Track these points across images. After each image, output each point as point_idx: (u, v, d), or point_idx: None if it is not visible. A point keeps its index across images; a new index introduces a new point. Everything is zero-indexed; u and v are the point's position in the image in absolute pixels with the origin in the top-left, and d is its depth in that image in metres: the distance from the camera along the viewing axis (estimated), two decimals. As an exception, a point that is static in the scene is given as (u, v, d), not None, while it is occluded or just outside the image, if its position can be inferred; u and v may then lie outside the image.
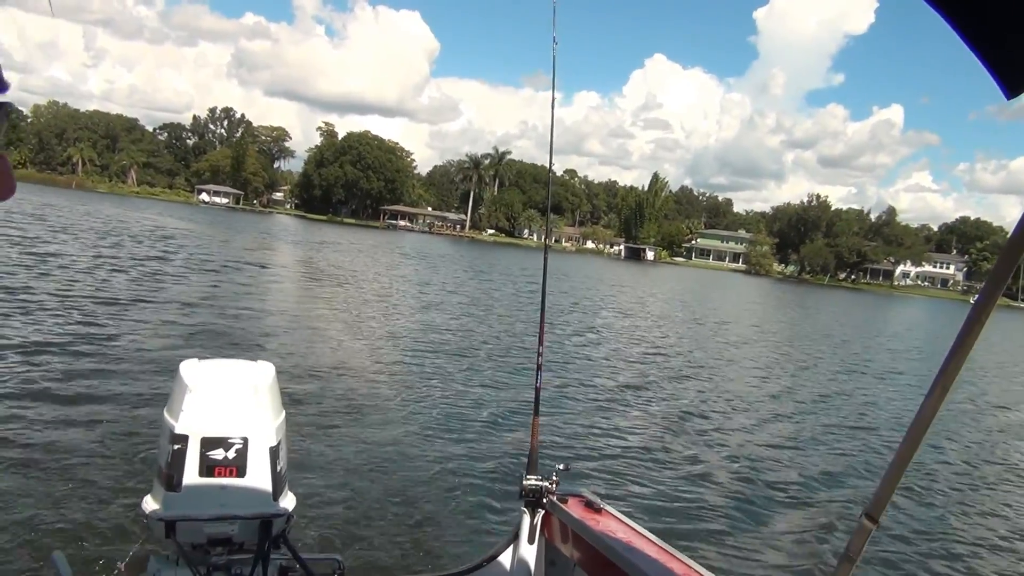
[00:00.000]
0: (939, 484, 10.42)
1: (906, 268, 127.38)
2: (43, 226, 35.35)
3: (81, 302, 15.75)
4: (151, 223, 52.06)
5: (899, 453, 1.86)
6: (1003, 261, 1.69)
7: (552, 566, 3.56)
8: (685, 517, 7.88)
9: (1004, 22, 1.34)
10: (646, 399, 13.79)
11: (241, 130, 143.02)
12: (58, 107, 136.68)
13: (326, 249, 50.26)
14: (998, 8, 1.34)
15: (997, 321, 3.46)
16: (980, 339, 1.67)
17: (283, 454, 3.09)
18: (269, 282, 25.87)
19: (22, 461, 6.75)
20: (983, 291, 1.74)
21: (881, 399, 17.40)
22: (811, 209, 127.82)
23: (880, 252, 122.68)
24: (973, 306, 1.71)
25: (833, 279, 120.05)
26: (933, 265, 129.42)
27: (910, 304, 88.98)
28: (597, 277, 57.71)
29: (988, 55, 1.38)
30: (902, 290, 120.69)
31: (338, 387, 11.35)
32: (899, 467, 1.86)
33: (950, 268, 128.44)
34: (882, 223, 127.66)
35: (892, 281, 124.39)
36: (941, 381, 1.72)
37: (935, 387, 1.74)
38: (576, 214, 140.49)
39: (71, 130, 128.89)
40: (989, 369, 25.41)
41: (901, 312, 68.75)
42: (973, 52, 1.38)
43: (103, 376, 10.09)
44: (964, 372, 1.69)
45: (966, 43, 1.36)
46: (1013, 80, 1.39)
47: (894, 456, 1.87)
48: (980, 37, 1.37)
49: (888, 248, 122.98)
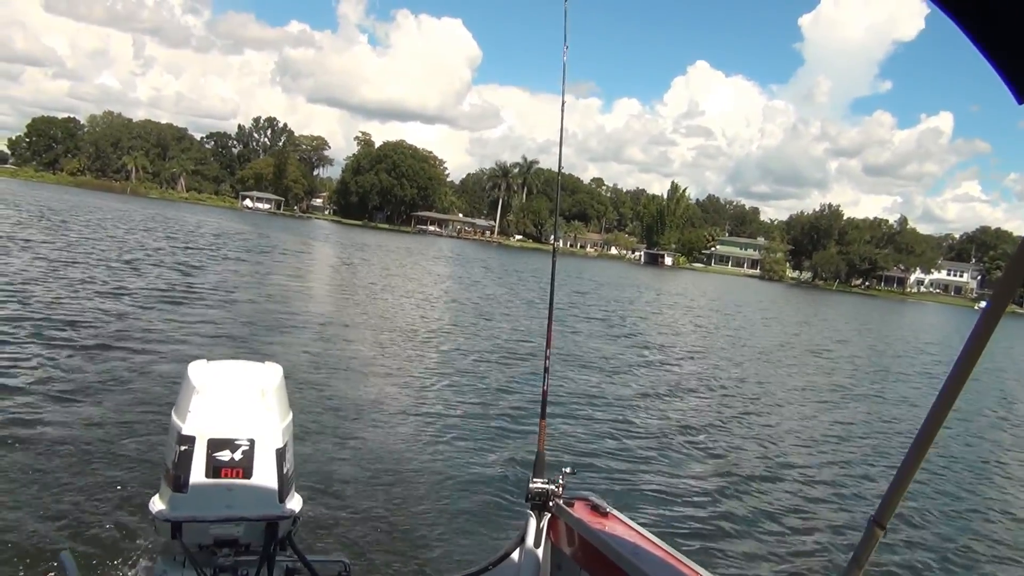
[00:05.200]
0: (948, 491, 10.00)
1: (920, 275, 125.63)
2: (139, 229, 35.97)
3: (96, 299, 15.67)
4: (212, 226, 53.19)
5: (907, 460, 1.80)
6: (1011, 270, 1.65)
7: (558, 570, 3.43)
8: (692, 521, 7.59)
9: (1015, 28, 1.31)
10: (652, 403, 13.40)
11: (283, 139, 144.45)
12: (112, 117, 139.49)
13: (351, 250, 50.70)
14: (1009, 14, 1.31)
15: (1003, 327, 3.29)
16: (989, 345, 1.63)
17: (290, 456, 3.00)
18: (287, 282, 25.79)
19: (30, 460, 6.61)
20: (991, 299, 1.73)
21: (888, 404, 16.99)
22: (824, 217, 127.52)
23: (891, 259, 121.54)
24: (981, 314, 1.67)
25: (845, 285, 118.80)
26: (948, 273, 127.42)
27: (917, 309, 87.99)
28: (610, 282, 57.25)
29: (999, 61, 1.36)
30: (914, 297, 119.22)
31: (346, 389, 11.11)
32: (907, 474, 1.81)
33: (964, 276, 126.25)
34: (894, 231, 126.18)
35: (905, 288, 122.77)
36: (949, 388, 1.69)
37: (943, 394, 1.71)
38: (602, 221, 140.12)
39: (125, 139, 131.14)
40: (996, 376, 24.80)
41: (903, 316, 67.81)
42: (985, 57, 1.36)
43: (111, 375, 9.88)
44: (970, 379, 1.65)
45: (978, 48, 1.35)
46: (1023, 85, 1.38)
47: (902, 463, 1.81)
48: (992, 43, 1.35)
49: (898, 256, 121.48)
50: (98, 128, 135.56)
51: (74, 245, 26.99)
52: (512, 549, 3.49)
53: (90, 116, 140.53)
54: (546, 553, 3.42)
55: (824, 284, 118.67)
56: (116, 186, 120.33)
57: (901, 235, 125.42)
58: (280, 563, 2.96)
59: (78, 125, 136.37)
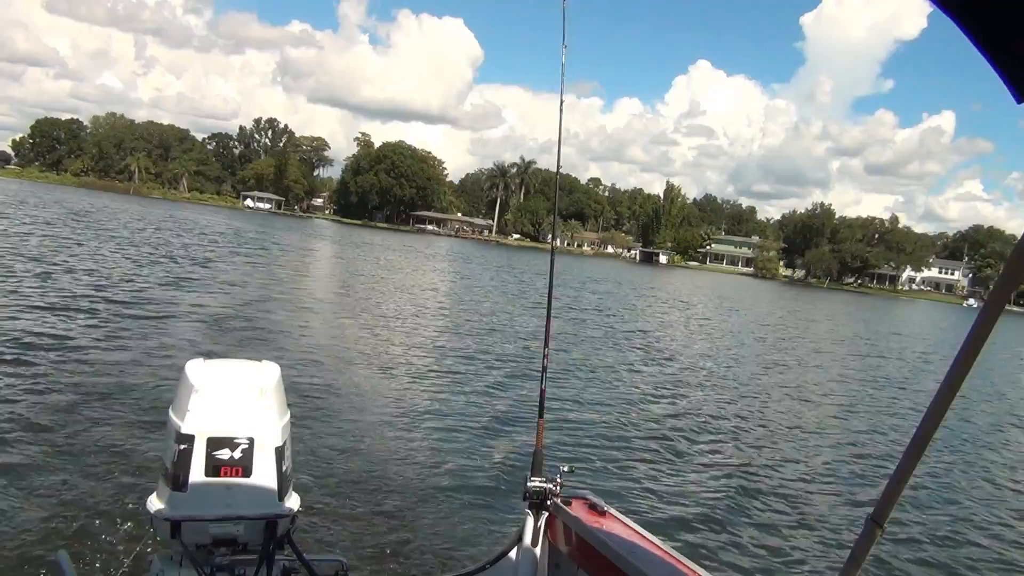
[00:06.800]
0: (945, 489, 9.93)
1: (912, 273, 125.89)
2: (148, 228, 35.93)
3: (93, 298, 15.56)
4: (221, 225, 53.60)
5: (905, 459, 1.81)
6: (1010, 269, 1.64)
7: (556, 568, 3.42)
8: (689, 520, 7.50)
9: (1014, 28, 1.31)
10: (650, 402, 13.29)
11: (284, 140, 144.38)
12: (115, 118, 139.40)
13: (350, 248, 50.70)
14: (1008, 14, 1.31)
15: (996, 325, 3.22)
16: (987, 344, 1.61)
17: (288, 454, 2.98)
18: (287, 280, 25.74)
19: (26, 460, 6.50)
20: (989, 298, 1.71)
21: (886, 403, 16.98)
22: (816, 216, 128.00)
23: (882, 258, 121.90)
24: (979, 313, 1.66)
25: (837, 283, 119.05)
26: (939, 271, 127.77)
27: (906, 307, 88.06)
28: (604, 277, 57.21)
29: (999, 60, 1.36)
30: (906, 295, 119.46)
31: (344, 388, 10.99)
32: (905, 472, 1.82)
33: (955, 274, 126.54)
34: (885, 230, 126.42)
35: (896, 286, 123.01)
36: (946, 388, 1.68)
37: (941, 393, 1.70)
38: (600, 220, 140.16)
39: (128, 140, 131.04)
40: (994, 373, 24.79)
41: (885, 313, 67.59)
42: (984, 57, 1.36)
43: (109, 374, 9.75)
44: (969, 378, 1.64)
45: (977, 48, 1.34)
46: (1023, 85, 1.38)
47: (900, 462, 1.82)
48: (991, 42, 1.34)
49: (889, 254, 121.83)
50: (101, 129, 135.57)
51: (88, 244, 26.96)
52: (510, 548, 3.48)
53: (93, 117, 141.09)
54: (544, 551, 3.41)
55: (816, 282, 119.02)
56: (119, 187, 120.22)
57: (892, 233, 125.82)
58: (278, 562, 2.93)
59: (81, 126, 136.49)
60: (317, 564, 3.06)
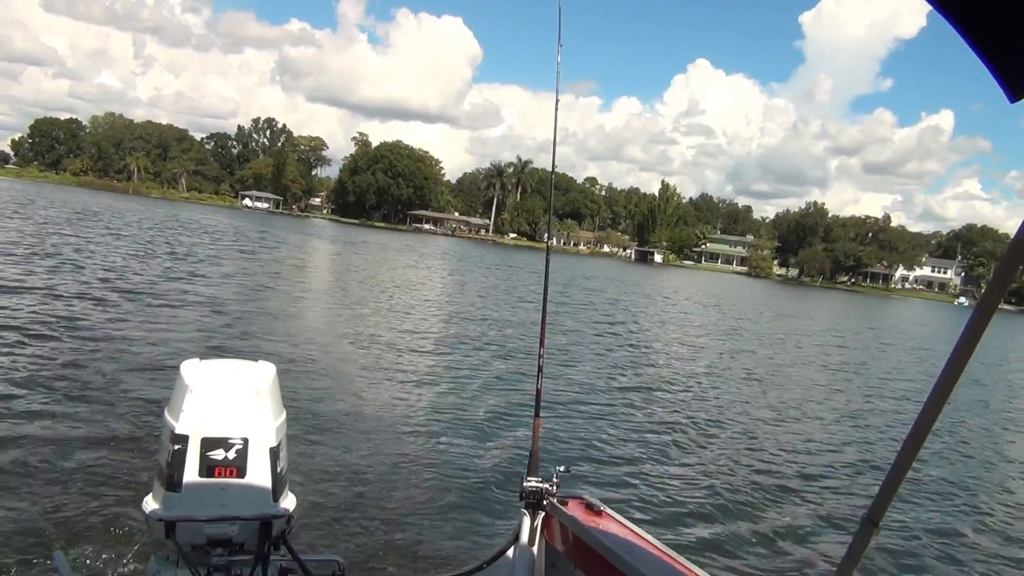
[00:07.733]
0: (940, 487, 9.91)
1: (905, 272, 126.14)
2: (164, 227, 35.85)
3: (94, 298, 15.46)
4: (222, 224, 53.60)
5: (900, 458, 1.82)
6: (1002, 268, 1.64)
7: (552, 568, 3.40)
8: (685, 519, 7.47)
9: (1008, 28, 1.31)
10: (646, 401, 13.22)
11: (282, 140, 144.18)
12: (114, 118, 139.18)
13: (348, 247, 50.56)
14: (1002, 15, 1.31)
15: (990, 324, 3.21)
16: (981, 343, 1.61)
17: (283, 455, 2.95)
18: (284, 279, 25.65)
19: (21, 460, 6.43)
20: (983, 297, 1.71)
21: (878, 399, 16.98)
22: (809, 215, 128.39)
23: (874, 256, 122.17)
24: (972, 312, 1.66)
25: (831, 282, 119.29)
26: (932, 269, 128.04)
27: (899, 305, 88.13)
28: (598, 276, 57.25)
29: (992, 60, 1.36)
30: (898, 293, 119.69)
31: (340, 387, 10.91)
32: (900, 471, 1.83)
33: (948, 272, 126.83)
34: (878, 228, 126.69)
35: (889, 284, 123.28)
36: (941, 386, 1.68)
37: (935, 392, 1.70)
38: (596, 219, 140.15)
39: (127, 140, 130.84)
40: (989, 372, 24.82)
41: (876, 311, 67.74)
42: (978, 56, 1.36)
43: (104, 374, 9.65)
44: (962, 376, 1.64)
45: (971, 47, 1.34)
46: (1017, 84, 1.38)
47: (895, 460, 1.83)
48: (985, 42, 1.34)
49: (881, 253, 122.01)
50: (100, 129, 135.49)
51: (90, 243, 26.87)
52: (506, 547, 3.46)
53: (92, 117, 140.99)
54: (540, 551, 3.39)
55: (810, 281, 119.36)
56: (118, 186, 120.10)
57: (884, 232, 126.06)
58: (274, 562, 2.91)
59: (80, 126, 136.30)
60: (313, 564, 3.04)
